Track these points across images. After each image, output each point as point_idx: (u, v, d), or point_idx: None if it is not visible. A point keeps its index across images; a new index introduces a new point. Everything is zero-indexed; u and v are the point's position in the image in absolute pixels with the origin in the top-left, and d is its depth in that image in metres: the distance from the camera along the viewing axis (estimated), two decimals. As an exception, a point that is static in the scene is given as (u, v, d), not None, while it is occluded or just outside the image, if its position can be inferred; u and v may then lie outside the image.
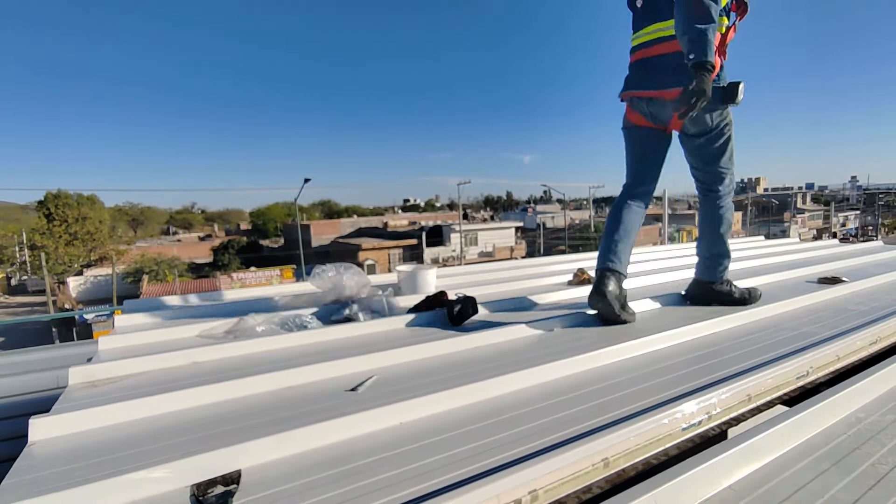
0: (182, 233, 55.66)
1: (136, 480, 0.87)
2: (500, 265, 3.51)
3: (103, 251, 30.37)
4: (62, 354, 2.77)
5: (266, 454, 0.97)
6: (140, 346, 1.78)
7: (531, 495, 0.85)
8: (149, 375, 1.48)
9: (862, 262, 3.21)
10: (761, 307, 1.97)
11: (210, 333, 1.95)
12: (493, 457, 0.94)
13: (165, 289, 23.05)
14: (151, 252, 30.41)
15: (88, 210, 30.54)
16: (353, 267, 2.49)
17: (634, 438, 1.00)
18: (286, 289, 2.72)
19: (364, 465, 0.94)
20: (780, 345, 1.56)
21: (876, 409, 1.19)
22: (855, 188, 51.85)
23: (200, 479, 0.90)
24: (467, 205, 79.71)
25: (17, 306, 28.09)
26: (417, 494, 0.83)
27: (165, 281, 26.31)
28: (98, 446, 1.03)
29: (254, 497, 0.85)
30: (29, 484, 0.88)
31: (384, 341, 1.73)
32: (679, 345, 1.61)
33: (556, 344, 1.65)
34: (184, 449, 0.97)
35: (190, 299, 2.59)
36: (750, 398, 1.23)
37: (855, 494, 0.87)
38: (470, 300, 2.01)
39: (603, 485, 0.94)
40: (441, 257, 31.98)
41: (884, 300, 2.15)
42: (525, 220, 46.18)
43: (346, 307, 2.11)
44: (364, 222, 41.26)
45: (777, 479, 0.92)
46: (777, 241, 4.65)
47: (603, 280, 1.85)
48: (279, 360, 1.58)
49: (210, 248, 35.34)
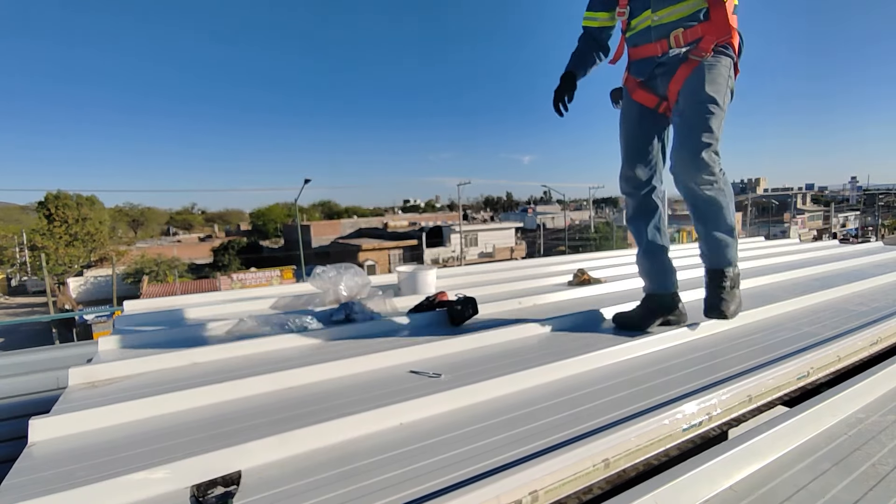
0: (182, 233, 55.65)
1: (137, 481, 0.87)
2: (501, 266, 3.51)
3: (103, 252, 30.36)
4: (62, 355, 2.77)
5: (266, 455, 0.97)
6: (140, 347, 1.78)
7: (532, 496, 0.85)
8: (149, 376, 1.48)
9: (862, 263, 3.21)
10: (761, 307, 1.97)
11: (210, 334, 1.95)
12: (493, 457, 0.94)
13: (166, 289, 23.05)
14: (151, 253, 30.39)
15: (88, 211, 30.53)
16: (353, 267, 2.49)
17: (635, 439, 1.00)
18: (286, 289, 2.71)
19: (364, 465, 0.94)
20: (781, 345, 1.55)
21: (876, 409, 1.19)
22: (855, 189, 51.88)
23: (201, 480, 0.90)
24: (467, 205, 79.79)
25: (17, 307, 28.09)
26: (418, 495, 0.83)
27: (166, 282, 26.32)
28: (98, 447, 1.03)
29: (254, 498, 0.85)
30: (29, 485, 0.87)
31: (384, 342, 1.73)
32: (679, 345, 1.61)
33: (557, 345, 1.65)
34: (184, 450, 0.97)
35: (190, 300, 2.59)
36: (750, 399, 1.23)
37: (855, 495, 0.87)
38: (470, 301, 2.01)
39: (603, 485, 0.94)
40: (441, 258, 31.97)
41: (884, 301, 2.15)
42: (525, 221, 46.22)
43: (346, 308, 2.11)
44: (364, 223, 41.26)
45: (777, 479, 0.92)
46: (777, 242, 4.65)
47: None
48: (279, 360, 1.58)
49: (210, 249, 35.33)
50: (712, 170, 1.58)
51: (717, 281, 1.72)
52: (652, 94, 1.77)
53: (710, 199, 1.63)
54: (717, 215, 1.68)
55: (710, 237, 1.71)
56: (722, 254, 1.72)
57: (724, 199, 1.65)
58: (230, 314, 2.22)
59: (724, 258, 1.72)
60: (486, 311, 2.10)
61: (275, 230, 46.91)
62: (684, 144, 1.59)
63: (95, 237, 30.50)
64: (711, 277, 1.74)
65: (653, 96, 1.77)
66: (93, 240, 30.30)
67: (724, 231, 1.70)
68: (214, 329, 1.97)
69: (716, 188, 1.61)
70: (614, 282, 2.66)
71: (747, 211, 38.35)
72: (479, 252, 33.81)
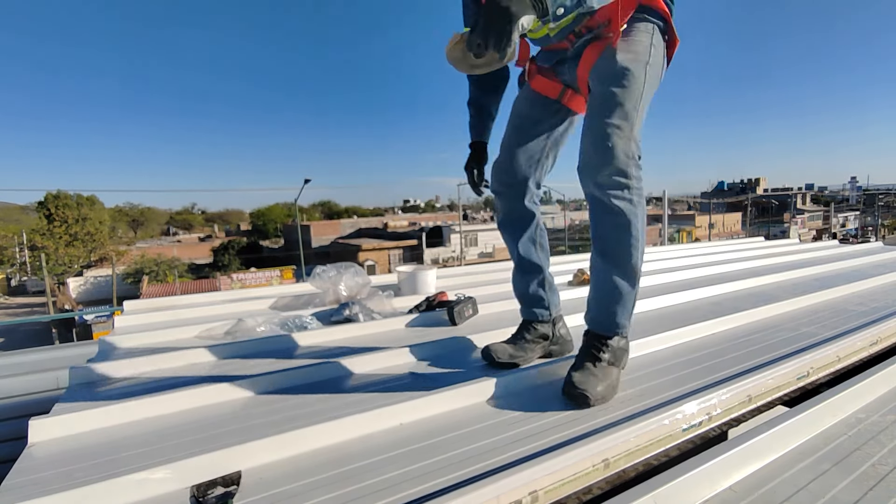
0: (182, 233, 55.67)
1: (137, 481, 0.87)
2: (501, 266, 3.51)
3: (103, 252, 30.35)
4: (62, 355, 2.77)
5: (266, 455, 0.97)
6: (140, 347, 1.78)
7: (531, 496, 0.85)
8: (149, 376, 1.48)
9: (861, 263, 3.21)
10: (761, 307, 1.97)
11: (210, 334, 1.95)
12: (493, 458, 0.94)
13: (165, 289, 23.04)
14: (151, 253, 30.40)
15: (88, 211, 30.53)
16: (353, 267, 2.49)
17: (635, 439, 1.00)
18: (286, 289, 2.71)
19: (364, 466, 0.94)
20: (781, 345, 1.56)
21: (876, 409, 1.19)
22: (855, 189, 51.86)
23: (200, 480, 0.90)
24: (467, 205, 79.77)
25: (17, 307, 28.08)
26: (418, 496, 0.83)
27: (165, 282, 26.32)
28: (98, 447, 1.03)
29: (254, 498, 0.85)
30: (29, 485, 0.88)
31: (384, 342, 1.73)
32: (679, 345, 1.61)
33: (557, 344, 1.64)
34: (184, 450, 0.97)
35: (190, 300, 2.59)
36: (750, 399, 1.23)
37: (855, 495, 0.87)
38: (470, 300, 2.01)
39: (603, 486, 0.94)
40: (441, 258, 31.97)
41: (883, 301, 2.15)
42: (525, 221, 45.98)
43: (346, 307, 2.12)
44: (364, 223, 41.26)
45: (777, 479, 0.92)
46: (777, 242, 4.65)
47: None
48: (279, 360, 1.58)
49: (210, 249, 35.33)
50: (622, 166, 1.13)
51: (593, 349, 1.25)
52: (555, 81, 1.42)
53: (618, 214, 1.17)
54: (620, 243, 1.20)
55: (603, 281, 1.26)
56: (611, 311, 1.26)
57: (634, 220, 1.18)
58: (230, 314, 2.22)
59: (612, 319, 1.26)
60: (486, 311, 2.10)
61: (275, 230, 46.91)
62: (590, 127, 1.18)
63: (95, 237, 30.50)
64: (587, 342, 1.29)
65: (556, 83, 1.42)
66: (93, 240, 30.30)
67: (622, 275, 1.23)
68: (214, 329, 1.97)
69: (626, 197, 1.16)
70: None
71: (747, 211, 38.34)
72: (479, 252, 33.82)
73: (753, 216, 41.82)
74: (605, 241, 1.23)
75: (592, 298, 1.31)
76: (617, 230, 1.20)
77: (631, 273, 1.23)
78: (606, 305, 1.26)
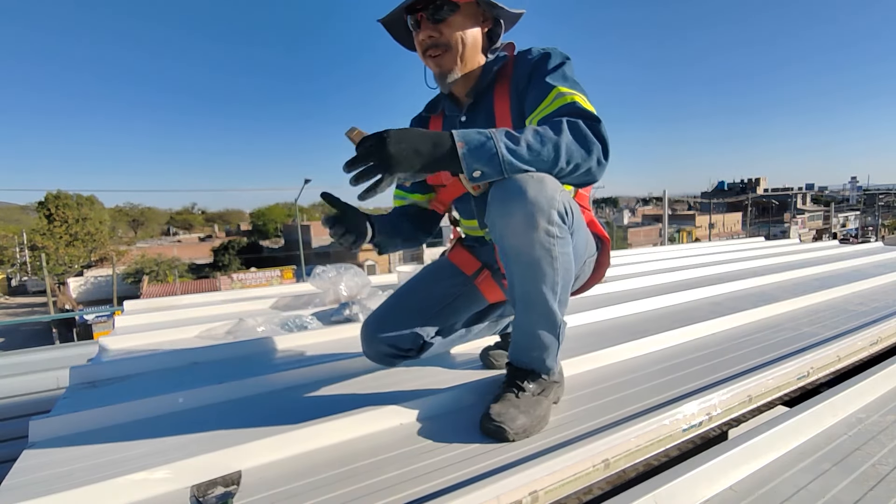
0: (182, 233, 55.70)
1: (137, 481, 0.87)
2: (501, 266, 3.50)
3: (103, 252, 30.37)
4: (62, 355, 2.78)
5: (266, 455, 0.97)
6: (140, 347, 1.78)
7: (532, 496, 0.85)
8: (149, 376, 1.48)
9: (861, 263, 3.21)
10: (761, 307, 1.97)
11: (210, 334, 1.96)
12: (493, 458, 0.94)
13: (166, 289, 23.05)
14: (152, 253, 30.40)
15: (88, 211, 30.54)
16: (353, 267, 2.50)
17: (635, 439, 1.00)
18: (286, 289, 2.72)
19: (364, 465, 0.94)
20: (781, 345, 1.55)
21: (876, 409, 1.19)
22: (855, 189, 51.79)
23: (201, 480, 0.90)
24: (467, 205, 79.43)
25: (18, 307, 28.11)
26: (418, 496, 0.83)
27: (166, 281, 26.33)
28: (98, 447, 1.03)
29: (254, 498, 0.85)
30: (29, 485, 0.88)
31: (384, 342, 1.73)
32: (679, 345, 1.61)
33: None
34: (184, 450, 0.97)
35: (190, 300, 2.59)
36: (751, 399, 1.23)
37: (855, 495, 0.87)
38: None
39: (603, 486, 0.94)
40: (441, 258, 31.92)
41: (884, 301, 2.15)
42: (525, 221, 45.91)
43: (346, 307, 2.12)
44: (364, 223, 41.15)
45: (778, 479, 0.92)
46: (777, 242, 4.65)
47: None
48: (279, 360, 1.58)
49: (210, 249, 35.32)
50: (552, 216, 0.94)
51: (517, 383, 1.08)
52: (474, 258, 1.37)
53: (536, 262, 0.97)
54: (539, 297, 1.01)
55: (525, 325, 1.07)
56: (537, 349, 1.08)
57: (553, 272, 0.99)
58: (230, 314, 2.22)
59: (539, 359, 1.09)
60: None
61: (275, 230, 46.91)
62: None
63: (95, 237, 30.51)
64: (510, 376, 1.11)
65: (475, 261, 1.37)
66: (93, 240, 30.31)
67: (545, 326, 1.06)
68: (214, 329, 1.97)
69: (549, 243, 0.96)
70: (614, 281, 2.66)
71: (747, 211, 38.36)
72: (479, 252, 33.78)
73: (753, 216, 41.82)
74: (525, 282, 1.02)
75: (519, 340, 1.12)
76: (538, 283, 1.00)
77: (552, 320, 1.05)
78: (531, 346, 1.09)
